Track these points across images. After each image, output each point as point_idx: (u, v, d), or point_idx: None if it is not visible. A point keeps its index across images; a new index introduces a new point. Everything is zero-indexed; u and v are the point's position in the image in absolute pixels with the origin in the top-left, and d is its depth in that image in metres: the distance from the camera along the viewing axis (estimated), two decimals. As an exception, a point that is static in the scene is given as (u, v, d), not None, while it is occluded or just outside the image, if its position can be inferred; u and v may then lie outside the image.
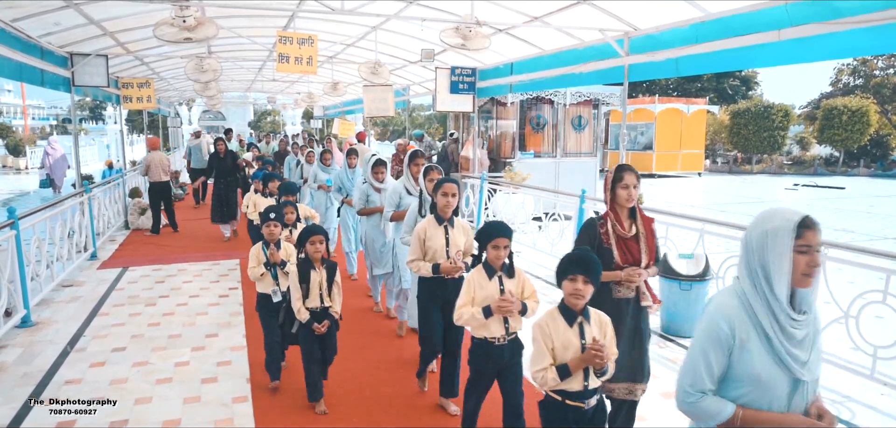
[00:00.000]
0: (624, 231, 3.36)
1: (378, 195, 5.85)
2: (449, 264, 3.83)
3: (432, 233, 3.92)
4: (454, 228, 3.96)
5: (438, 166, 4.56)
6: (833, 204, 17.94)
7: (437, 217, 3.95)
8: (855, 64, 34.54)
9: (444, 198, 3.88)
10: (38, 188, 22.64)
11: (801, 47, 4.97)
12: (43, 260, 6.82)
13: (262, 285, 4.43)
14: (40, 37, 7.64)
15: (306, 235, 3.89)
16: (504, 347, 3.25)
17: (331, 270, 4.00)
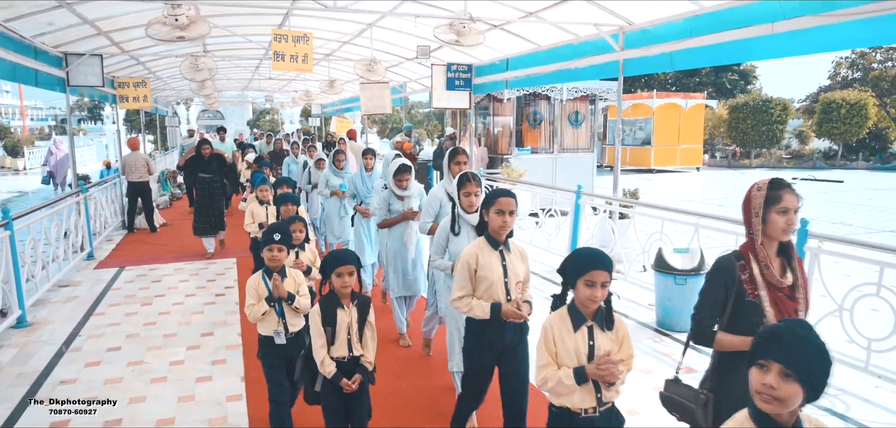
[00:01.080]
0: (777, 278, 2.40)
1: (401, 204, 5.08)
2: (513, 307, 3.00)
3: (486, 260, 3.05)
4: (511, 253, 3.13)
5: (476, 174, 3.76)
6: (832, 197, 17.93)
7: (489, 239, 3.10)
8: (853, 57, 34.54)
9: (501, 217, 3.01)
10: (39, 186, 22.73)
11: (795, 40, 4.96)
12: (38, 260, 6.81)
13: (264, 326, 3.54)
14: (34, 37, 7.63)
15: (333, 264, 2.95)
16: (594, 420, 2.45)
17: (363, 307, 3.04)
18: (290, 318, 3.54)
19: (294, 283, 3.60)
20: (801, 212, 2.57)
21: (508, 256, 3.10)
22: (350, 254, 3.04)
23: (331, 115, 23.96)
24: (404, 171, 5.02)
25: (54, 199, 8.20)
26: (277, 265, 3.51)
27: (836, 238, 4.98)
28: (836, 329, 4.63)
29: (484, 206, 3.13)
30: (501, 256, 3.07)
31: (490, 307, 3.00)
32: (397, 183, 5.03)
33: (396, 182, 5.03)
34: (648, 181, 22.88)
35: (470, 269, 3.05)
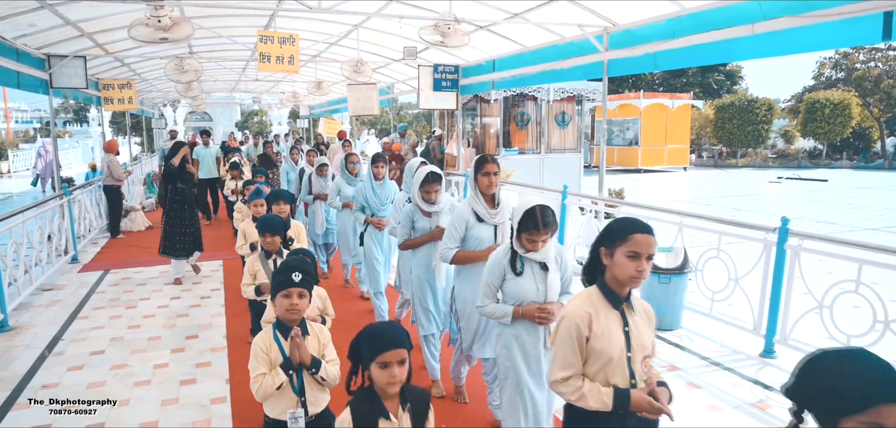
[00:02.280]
0: None
1: (428, 222, 4.19)
2: (645, 397, 2.09)
3: (604, 326, 2.14)
4: (635, 313, 2.21)
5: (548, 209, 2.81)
6: (816, 196, 18.14)
7: (608, 292, 2.18)
8: (836, 57, 34.99)
9: (635, 262, 2.06)
10: (28, 188, 22.67)
11: (775, 41, 5.03)
12: (21, 264, 6.74)
13: (274, 405, 2.61)
14: (16, 38, 7.56)
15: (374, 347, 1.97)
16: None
17: (418, 411, 2.07)
18: (312, 393, 2.60)
19: (318, 341, 2.63)
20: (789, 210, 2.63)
21: (632, 318, 2.18)
22: (399, 332, 2.01)
23: (319, 117, 23.90)
24: (433, 181, 4.08)
25: (37, 202, 8.11)
26: (296, 317, 2.54)
27: (816, 236, 5.05)
28: (816, 326, 4.69)
29: (605, 245, 2.15)
30: (623, 318, 2.16)
31: (612, 395, 2.09)
32: (424, 195, 4.10)
33: (423, 194, 4.11)
34: (635, 181, 23.03)
35: (580, 337, 2.12)
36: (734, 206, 16.12)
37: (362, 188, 5.56)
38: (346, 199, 6.29)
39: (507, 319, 2.90)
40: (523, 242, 2.82)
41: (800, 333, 4.82)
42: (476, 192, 3.57)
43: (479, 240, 3.58)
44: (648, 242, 2.06)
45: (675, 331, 5.60)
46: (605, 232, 2.17)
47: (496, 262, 2.95)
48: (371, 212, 5.50)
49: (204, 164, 11.78)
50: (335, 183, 6.44)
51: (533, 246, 2.82)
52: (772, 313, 4.92)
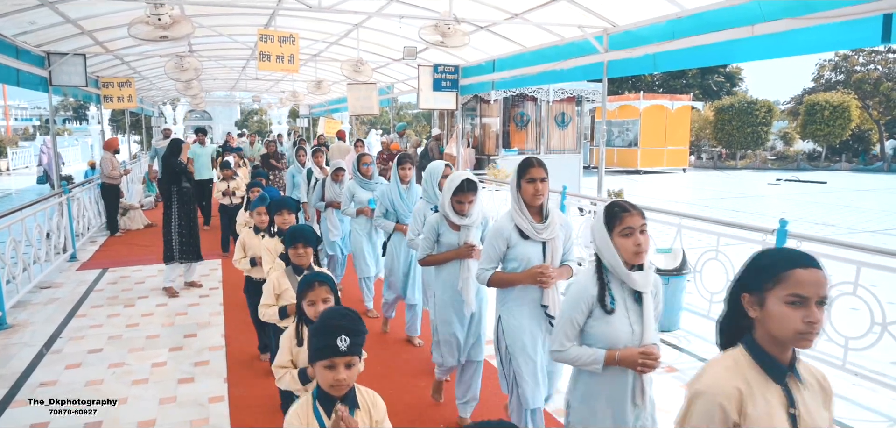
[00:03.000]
0: None
1: (455, 236, 3.65)
2: None
3: (762, 406, 1.55)
4: (804, 387, 1.62)
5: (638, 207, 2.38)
6: (815, 198, 18.15)
7: (764, 359, 1.58)
8: (836, 60, 35.01)
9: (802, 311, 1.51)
10: (34, 184, 22.69)
11: (774, 42, 5.03)
12: (19, 261, 6.74)
13: None
14: (15, 36, 7.55)
15: None
16: None
17: None
18: None
19: (370, 416, 2.06)
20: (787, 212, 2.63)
21: (800, 393, 1.57)
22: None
23: (318, 116, 23.90)
24: (468, 189, 3.50)
25: (36, 200, 8.10)
26: (343, 391, 1.96)
27: (814, 238, 5.05)
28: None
29: (751, 290, 1.59)
30: (787, 396, 1.55)
31: None
32: (456, 205, 3.54)
33: (455, 204, 3.54)
34: (634, 182, 23.04)
35: (726, 420, 1.52)
36: (733, 207, 16.12)
37: (387, 192, 5.09)
38: (360, 204, 5.79)
39: (598, 367, 2.29)
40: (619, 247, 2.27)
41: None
42: (519, 202, 2.97)
43: (524, 260, 2.97)
44: (817, 280, 1.49)
45: (674, 332, 5.60)
46: (750, 269, 1.60)
47: (580, 294, 2.32)
48: (395, 217, 5.05)
49: (199, 165, 10.94)
50: (348, 187, 5.89)
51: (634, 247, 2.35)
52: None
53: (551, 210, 3.02)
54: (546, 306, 2.99)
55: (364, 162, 5.91)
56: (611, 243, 2.27)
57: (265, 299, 3.32)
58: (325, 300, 2.52)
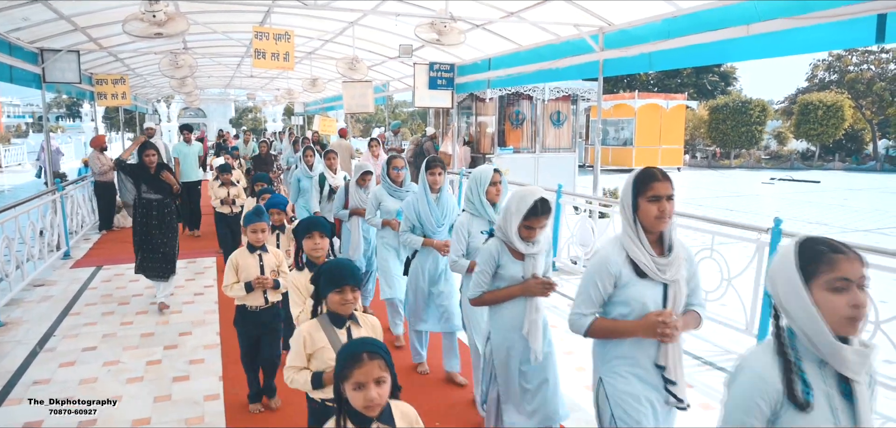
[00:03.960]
0: None
1: (519, 267, 2.91)
2: None
3: None
4: None
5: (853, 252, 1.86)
6: (809, 197, 18.24)
7: None
8: (830, 60, 35.19)
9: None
10: (27, 181, 22.65)
11: (769, 42, 5.06)
12: (12, 259, 6.70)
13: None
14: (9, 32, 7.51)
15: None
16: None
17: None
18: None
19: None
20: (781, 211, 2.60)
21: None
22: None
23: (313, 114, 23.87)
24: (543, 213, 2.76)
25: (29, 197, 8.05)
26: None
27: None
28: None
29: None
30: None
31: None
32: (524, 232, 2.80)
33: (523, 230, 2.80)
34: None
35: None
36: (727, 206, 16.19)
37: (414, 202, 4.31)
38: (387, 214, 4.94)
39: None
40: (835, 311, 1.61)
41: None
42: (636, 228, 2.25)
43: (637, 305, 2.26)
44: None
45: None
46: None
47: (757, 384, 1.59)
48: (423, 232, 4.31)
49: (186, 166, 9.99)
50: (374, 194, 5.04)
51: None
52: (764, 313, 4.94)
53: (675, 240, 2.30)
54: (663, 367, 2.29)
55: (394, 165, 4.97)
56: (811, 302, 1.54)
57: (293, 361, 2.43)
58: (380, 382, 1.79)
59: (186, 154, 10.12)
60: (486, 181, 3.49)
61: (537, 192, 2.79)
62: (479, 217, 3.51)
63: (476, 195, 3.52)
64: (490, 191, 3.50)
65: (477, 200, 3.52)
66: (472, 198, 3.54)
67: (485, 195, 3.50)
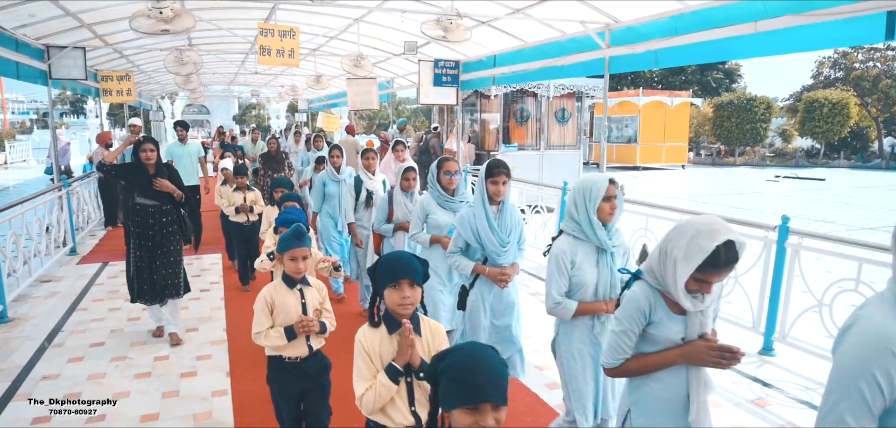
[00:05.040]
0: None
1: (680, 324, 2.12)
2: None
3: None
4: None
5: None
6: (814, 195, 18.18)
7: None
8: (835, 57, 35.04)
9: None
10: (33, 177, 22.78)
11: (777, 39, 5.03)
12: (20, 255, 6.73)
13: None
14: (15, 29, 7.52)
15: None
16: None
17: None
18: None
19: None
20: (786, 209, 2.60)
21: None
22: None
23: (317, 111, 23.89)
24: (726, 264, 1.93)
25: (36, 194, 8.08)
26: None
27: (816, 234, 5.07)
28: (815, 324, 4.71)
29: None
30: None
31: None
32: (695, 282, 2.00)
33: (695, 281, 2.00)
34: (634, 178, 23.07)
35: None
36: (732, 204, 16.15)
37: (469, 217, 3.45)
38: (437, 230, 4.03)
39: None
40: None
41: (798, 332, 4.84)
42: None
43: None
44: None
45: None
46: None
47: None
48: (482, 256, 3.47)
49: (181, 167, 7.81)
50: (421, 204, 4.11)
51: None
52: (771, 311, 4.93)
53: None
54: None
55: (447, 169, 4.03)
56: None
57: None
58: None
59: (181, 155, 8.77)
60: (598, 195, 2.71)
61: (719, 231, 1.92)
62: (585, 241, 2.77)
63: (583, 212, 2.74)
64: (603, 208, 2.72)
65: (584, 219, 2.74)
66: (577, 215, 2.76)
67: (595, 213, 2.72)
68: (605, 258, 2.81)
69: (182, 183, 5.08)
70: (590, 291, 2.80)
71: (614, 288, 2.82)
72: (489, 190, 3.40)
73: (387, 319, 2.16)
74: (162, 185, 4.83)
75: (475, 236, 3.43)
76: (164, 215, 4.96)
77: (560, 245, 2.81)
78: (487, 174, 3.41)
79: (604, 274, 2.82)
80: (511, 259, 3.50)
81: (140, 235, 4.91)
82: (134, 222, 4.93)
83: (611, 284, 2.83)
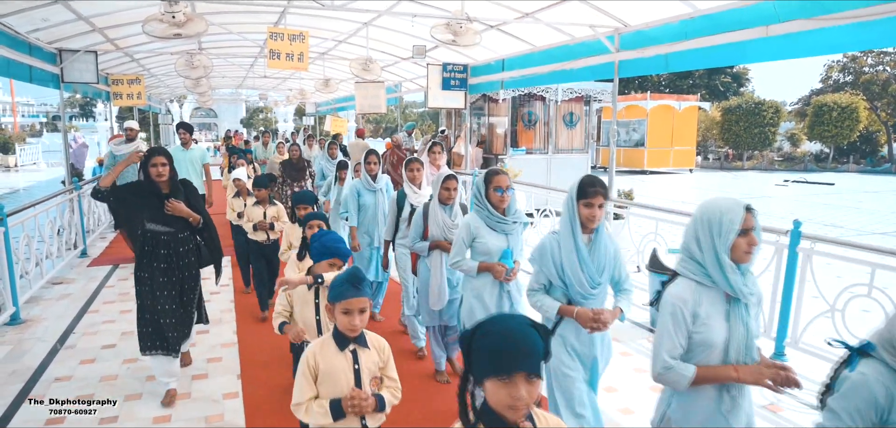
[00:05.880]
0: None
1: None
2: None
3: None
4: None
5: None
6: (823, 200, 18.07)
7: None
8: (845, 61, 34.86)
9: None
10: (36, 183, 22.99)
11: (789, 43, 5.01)
12: (32, 257, 6.78)
13: None
14: (29, 33, 7.60)
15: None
16: None
17: None
18: None
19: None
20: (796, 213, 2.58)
21: None
22: None
23: (325, 115, 23.97)
24: None
25: (47, 197, 8.14)
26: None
27: (828, 239, 5.03)
28: (828, 329, 4.68)
29: None
30: None
31: None
32: None
33: None
34: (642, 182, 23.00)
35: None
36: (741, 208, 16.07)
37: (552, 248, 2.78)
38: (486, 255, 3.39)
39: None
40: None
41: (810, 337, 4.81)
42: None
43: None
44: None
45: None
46: None
47: None
48: (566, 295, 2.79)
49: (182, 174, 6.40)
50: (466, 224, 3.45)
51: None
52: (782, 316, 4.90)
53: None
54: None
55: (497, 185, 3.34)
56: None
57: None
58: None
59: (182, 160, 7.73)
60: (732, 228, 2.08)
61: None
62: (711, 288, 2.15)
63: (709, 250, 2.11)
64: (738, 245, 2.09)
65: (711, 260, 2.11)
66: (700, 254, 2.15)
67: (728, 252, 2.09)
68: (738, 310, 2.14)
69: (201, 203, 4.22)
70: (717, 353, 2.14)
71: (750, 350, 2.16)
72: (582, 214, 2.70)
73: (484, 413, 1.47)
74: (176, 209, 3.96)
75: (558, 272, 2.77)
76: (180, 244, 4.09)
77: (678, 292, 2.16)
78: (580, 194, 2.69)
79: (737, 330, 2.14)
80: (600, 303, 2.80)
81: (150, 269, 4.02)
82: (143, 253, 4.04)
83: (746, 345, 2.15)
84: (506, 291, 3.43)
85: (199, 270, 4.32)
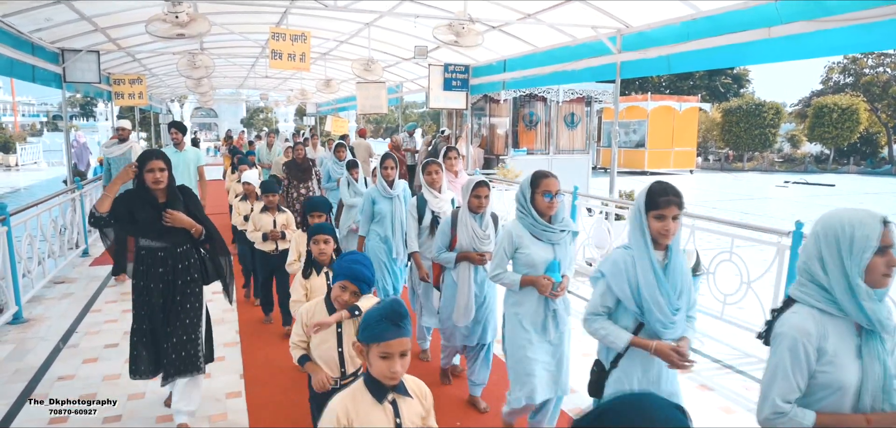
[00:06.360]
0: None
1: None
2: None
3: None
4: None
5: None
6: (823, 201, 18.09)
7: None
8: (845, 62, 34.89)
9: None
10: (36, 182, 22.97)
11: (791, 45, 5.03)
12: (34, 256, 6.79)
13: None
14: (31, 32, 7.61)
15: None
16: None
17: None
18: None
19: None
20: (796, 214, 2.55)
21: None
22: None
23: (326, 115, 23.98)
24: None
25: (49, 196, 8.15)
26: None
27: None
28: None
29: None
30: None
31: None
32: None
33: None
34: (642, 183, 23.00)
35: None
36: (741, 209, 16.10)
37: (625, 266, 2.37)
38: (530, 268, 3.03)
39: None
40: None
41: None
42: None
43: None
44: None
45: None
46: None
47: None
48: (643, 321, 2.38)
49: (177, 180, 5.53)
50: (507, 233, 3.09)
51: None
52: (784, 317, 4.90)
53: None
54: None
55: (545, 189, 2.97)
56: None
57: None
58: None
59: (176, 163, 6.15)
60: (867, 245, 1.75)
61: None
62: (840, 318, 1.80)
63: (837, 272, 1.78)
64: (875, 266, 1.75)
65: (840, 284, 1.77)
66: (825, 278, 1.80)
67: (862, 275, 1.75)
68: (873, 344, 1.77)
69: (202, 212, 3.70)
70: (849, 398, 1.76)
71: (890, 394, 1.77)
72: (653, 228, 2.32)
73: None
74: (175, 220, 3.46)
75: (634, 296, 2.34)
76: (179, 260, 3.56)
77: (798, 323, 1.79)
78: (649, 205, 2.34)
79: (873, 370, 1.76)
80: (679, 332, 2.36)
81: (145, 290, 3.54)
82: (137, 272, 3.57)
83: (884, 388, 1.77)
84: (552, 309, 3.03)
85: (203, 288, 3.73)
